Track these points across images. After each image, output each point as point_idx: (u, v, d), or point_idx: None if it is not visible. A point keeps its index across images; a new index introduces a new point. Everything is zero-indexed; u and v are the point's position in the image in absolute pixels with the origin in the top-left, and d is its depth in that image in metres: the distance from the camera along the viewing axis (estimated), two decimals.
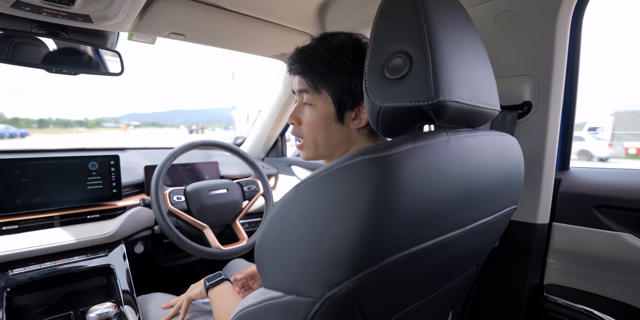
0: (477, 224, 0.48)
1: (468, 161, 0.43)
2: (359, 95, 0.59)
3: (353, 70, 0.58)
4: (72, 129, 76.80)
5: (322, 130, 0.62)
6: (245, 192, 1.30)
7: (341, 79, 0.58)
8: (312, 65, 0.60)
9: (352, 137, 0.62)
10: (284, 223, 0.41)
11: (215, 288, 0.85)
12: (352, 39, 0.61)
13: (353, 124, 0.60)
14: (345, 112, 0.60)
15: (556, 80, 0.71)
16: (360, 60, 0.58)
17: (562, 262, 0.78)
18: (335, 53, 0.58)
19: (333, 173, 0.36)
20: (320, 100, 0.61)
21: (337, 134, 0.62)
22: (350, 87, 0.58)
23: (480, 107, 0.47)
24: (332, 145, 0.63)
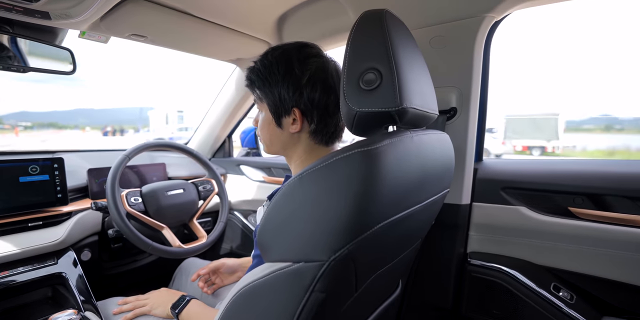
0: (428, 201, 0.63)
1: (424, 153, 0.58)
2: (289, 103, 0.67)
3: (282, 82, 0.67)
4: None
5: (267, 132, 0.73)
6: (200, 191, 1.33)
7: (273, 91, 0.68)
8: (253, 80, 0.71)
9: (294, 139, 0.71)
10: (290, 204, 0.51)
11: (184, 311, 0.85)
12: (287, 53, 0.69)
13: (292, 128, 0.69)
14: (282, 118, 0.69)
15: (474, 90, 0.91)
16: (287, 75, 0.67)
17: (480, 233, 1.00)
18: (269, 68, 0.68)
19: (333, 163, 0.47)
20: (263, 107, 0.72)
21: (279, 136, 0.72)
22: (280, 96, 0.67)
23: (428, 112, 0.62)
24: (277, 144, 0.73)
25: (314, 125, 0.69)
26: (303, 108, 0.67)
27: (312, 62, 0.68)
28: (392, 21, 0.57)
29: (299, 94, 0.66)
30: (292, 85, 0.66)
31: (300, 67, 0.67)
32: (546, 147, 13.59)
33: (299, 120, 0.68)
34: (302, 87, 0.66)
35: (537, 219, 0.91)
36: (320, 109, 0.68)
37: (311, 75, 0.67)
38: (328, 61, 0.70)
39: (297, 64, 0.67)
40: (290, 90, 0.66)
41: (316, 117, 0.68)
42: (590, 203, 0.85)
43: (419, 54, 0.65)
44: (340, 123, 0.73)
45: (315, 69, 0.67)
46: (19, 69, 0.89)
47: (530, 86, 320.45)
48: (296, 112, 0.67)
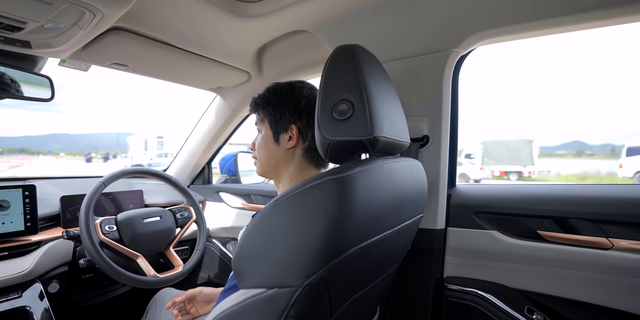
0: (399, 226, 0.65)
1: (395, 179, 0.60)
2: (288, 119, 0.77)
3: (284, 102, 0.78)
4: None
5: (264, 149, 0.81)
6: (177, 219, 1.31)
7: (275, 109, 0.78)
8: (258, 103, 0.82)
9: (288, 156, 0.79)
10: (265, 231, 0.52)
11: None
12: (288, 83, 0.82)
13: (287, 144, 0.77)
14: (280, 135, 0.78)
15: (445, 119, 0.96)
16: (288, 97, 0.78)
17: (456, 257, 1.01)
18: (273, 92, 0.81)
19: (306, 190, 0.49)
20: (264, 126, 0.82)
21: (275, 152, 0.79)
22: (281, 114, 0.78)
23: (399, 140, 0.66)
24: (272, 161, 0.80)
25: (308, 143, 0.77)
26: (300, 126, 0.77)
27: (307, 91, 0.79)
28: (363, 55, 0.61)
29: (298, 114, 0.77)
30: (292, 105, 0.77)
31: (299, 93, 0.79)
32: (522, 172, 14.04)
33: (295, 136, 0.76)
34: (300, 109, 0.77)
35: (509, 243, 0.93)
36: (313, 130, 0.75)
37: (307, 101, 0.78)
38: None
39: (297, 90, 0.79)
40: (290, 110, 0.77)
41: (310, 136, 0.77)
42: (557, 226, 0.89)
43: (390, 85, 0.69)
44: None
45: (310, 97, 0.78)
46: None
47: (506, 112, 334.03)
48: (294, 128, 0.76)
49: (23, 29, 0.75)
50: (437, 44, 0.92)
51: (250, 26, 0.97)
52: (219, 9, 0.88)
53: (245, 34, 1.02)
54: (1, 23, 0.72)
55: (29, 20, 0.72)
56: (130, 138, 27.08)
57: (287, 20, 0.97)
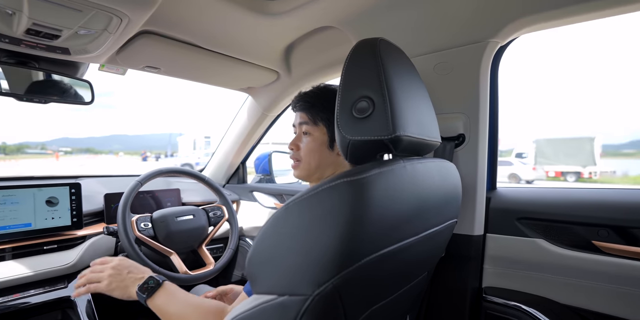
0: (427, 233, 0.60)
1: (419, 183, 0.55)
2: None
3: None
4: None
5: (317, 154, 0.79)
6: (210, 217, 1.33)
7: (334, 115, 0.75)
8: (313, 103, 0.79)
9: (337, 161, 0.78)
10: (276, 235, 0.49)
11: (156, 295, 0.74)
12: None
13: (339, 152, 0.76)
14: (334, 141, 0.76)
15: (482, 116, 0.88)
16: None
17: (496, 266, 0.93)
18: (331, 97, 0.75)
19: (319, 193, 0.46)
20: (317, 130, 0.79)
21: (327, 157, 0.78)
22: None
23: (426, 139, 0.60)
24: (322, 166, 0.79)
25: None
26: None
27: None
28: (386, 49, 0.57)
29: None
30: None
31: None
32: (582, 173, 12.91)
33: None
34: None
35: (558, 253, 0.84)
36: None
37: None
38: None
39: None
40: None
41: None
42: (617, 236, 0.78)
43: (418, 80, 0.64)
44: None
45: None
46: (40, 101, 0.95)
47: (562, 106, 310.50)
48: None
49: (60, 36, 0.79)
50: (472, 35, 0.85)
51: (275, 24, 0.96)
52: (243, 9, 0.87)
53: (271, 33, 1.01)
54: (40, 32, 0.77)
55: (64, 28, 0.75)
56: (179, 138, 28.66)
57: (312, 16, 0.94)
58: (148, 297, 0.74)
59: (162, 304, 0.73)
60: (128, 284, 0.78)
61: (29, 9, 0.68)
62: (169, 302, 0.73)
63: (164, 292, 0.74)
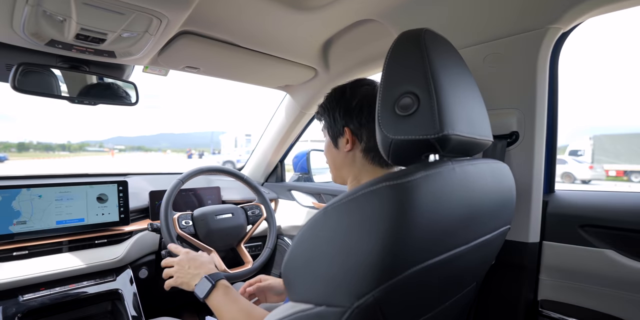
0: (478, 241, 0.54)
1: (470, 186, 0.50)
2: (340, 123, 0.74)
3: (336, 105, 0.75)
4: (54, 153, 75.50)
5: (328, 155, 0.80)
6: (249, 216, 1.34)
7: (329, 114, 0.76)
8: (318, 110, 0.81)
9: (349, 158, 0.75)
10: (313, 241, 0.47)
11: (211, 296, 0.77)
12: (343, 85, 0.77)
13: (345, 147, 0.74)
14: (337, 139, 0.75)
15: (539, 112, 0.80)
16: (340, 99, 0.75)
17: (554, 278, 0.84)
18: (328, 97, 0.78)
19: (359, 197, 0.42)
20: (325, 133, 0.80)
21: (337, 157, 0.77)
22: (334, 118, 0.75)
23: (476, 138, 0.55)
24: (337, 166, 0.78)
25: (364, 144, 0.72)
26: (353, 128, 0.72)
27: (362, 89, 0.74)
28: (432, 40, 0.52)
29: (349, 115, 0.73)
30: (343, 107, 0.74)
31: (351, 93, 0.74)
32: None
33: (350, 138, 0.73)
34: (351, 110, 0.72)
35: (631, 267, 0.74)
36: (369, 129, 0.72)
37: (360, 100, 0.72)
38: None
39: (350, 90, 0.75)
40: (342, 112, 0.74)
41: (365, 136, 0.72)
42: None
43: (467, 74, 0.59)
44: None
45: (364, 95, 0.72)
46: (90, 102, 1.00)
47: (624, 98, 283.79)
48: (347, 130, 0.73)
49: (105, 40, 0.82)
50: (529, 21, 0.76)
51: (313, 19, 0.93)
52: (280, 5, 0.85)
53: (309, 29, 0.98)
54: (88, 36, 0.80)
55: (108, 31, 0.78)
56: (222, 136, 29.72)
57: (351, 9, 0.90)
58: (204, 298, 0.78)
59: (217, 305, 0.76)
60: (189, 279, 0.83)
61: (77, 15, 0.71)
62: (220, 306, 0.76)
63: (217, 294, 0.77)
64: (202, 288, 0.78)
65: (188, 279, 0.83)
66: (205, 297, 0.77)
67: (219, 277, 0.80)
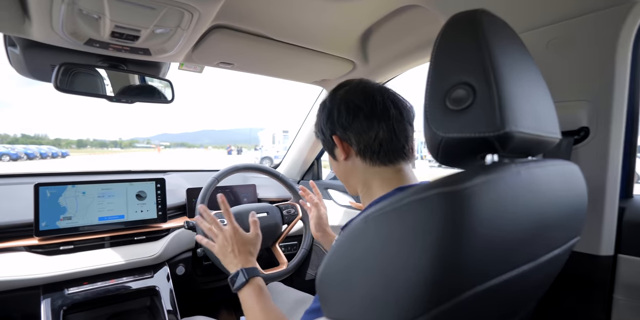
0: (545, 257, 0.46)
1: (539, 192, 0.42)
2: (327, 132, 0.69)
3: (321, 117, 0.71)
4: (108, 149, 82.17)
5: (335, 170, 0.76)
6: (284, 215, 1.31)
7: (319, 131, 0.73)
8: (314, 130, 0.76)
9: (349, 167, 0.70)
10: (351, 255, 0.41)
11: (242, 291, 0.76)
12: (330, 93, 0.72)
13: (342, 156, 0.69)
14: (333, 151, 0.71)
15: (617, 104, 0.68)
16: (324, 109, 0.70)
17: (631, 298, 0.72)
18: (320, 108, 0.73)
19: (404, 206, 0.36)
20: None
21: (339, 169, 0.73)
22: (321, 134, 0.72)
23: (542, 136, 0.46)
24: (344, 178, 0.74)
25: (355, 146, 0.67)
26: (339, 133, 0.68)
27: (339, 93, 0.70)
28: (490, 23, 0.44)
29: (331, 122, 0.68)
30: (325, 115, 0.70)
31: (330, 101, 0.70)
32: None
33: (340, 145, 0.68)
34: (332, 116, 0.68)
35: None
36: (353, 130, 0.66)
37: (338, 104, 0.68)
38: (359, 83, 0.71)
39: (328, 99, 0.71)
40: (326, 122, 0.69)
41: (353, 138, 0.67)
42: None
43: (530, 62, 0.50)
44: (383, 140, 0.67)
45: (340, 99, 0.68)
46: (127, 101, 1.01)
47: None
48: (335, 138, 0.68)
49: (139, 36, 0.81)
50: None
51: (351, 8, 0.86)
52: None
53: (346, 18, 0.92)
54: (123, 34, 0.80)
55: (141, 28, 0.77)
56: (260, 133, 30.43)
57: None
58: (236, 290, 0.77)
59: (244, 301, 0.76)
60: (226, 263, 0.82)
61: (110, 12, 0.70)
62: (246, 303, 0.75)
63: (247, 291, 0.76)
64: (235, 280, 0.77)
65: (225, 262, 0.82)
66: (236, 290, 0.77)
67: (254, 273, 0.78)
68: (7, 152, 27.08)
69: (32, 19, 0.75)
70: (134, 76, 1.03)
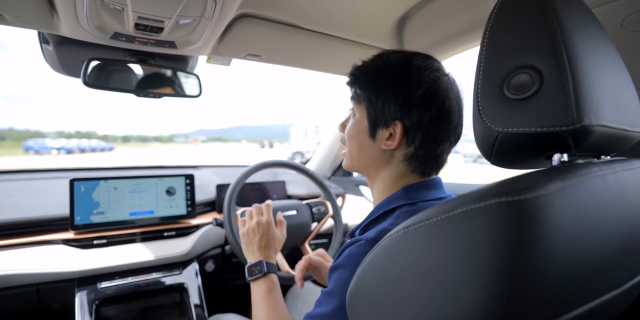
0: (635, 280, 0.37)
1: (630, 202, 0.34)
2: (392, 114, 0.57)
3: (392, 90, 0.57)
4: (149, 143, 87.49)
5: (356, 141, 0.62)
6: (314, 213, 1.26)
7: (378, 97, 0.58)
8: (358, 77, 0.61)
9: (384, 158, 0.61)
10: (389, 274, 0.35)
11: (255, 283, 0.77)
12: (405, 58, 0.58)
13: (385, 144, 0.59)
14: (377, 129, 0.59)
15: None
16: (401, 82, 0.56)
17: None
18: (381, 69, 0.58)
19: (458, 216, 0.29)
20: (359, 111, 0.62)
21: (368, 149, 0.61)
22: (384, 106, 0.57)
23: (628, 130, 0.37)
24: (363, 159, 0.63)
25: (413, 149, 0.58)
26: (407, 124, 0.56)
27: (433, 75, 0.56)
28: None
29: (408, 108, 0.55)
30: (402, 95, 0.56)
31: (418, 77, 0.56)
32: None
33: (398, 137, 0.57)
34: (413, 100, 0.55)
35: None
36: (427, 133, 0.56)
37: (427, 91, 0.55)
38: (452, 82, 0.59)
39: (416, 73, 0.56)
40: (399, 101, 0.56)
41: (418, 140, 0.57)
42: None
43: (608, 41, 0.41)
44: (444, 155, 0.60)
45: (434, 85, 0.56)
46: (155, 96, 0.99)
47: None
48: (398, 126, 0.56)
49: (163, 28, 0.78)
50: None
51: None
52: None
53: (380, 3, 0.84)
54: (147, 26, 0.77)
55: (164, 18, 0.73)
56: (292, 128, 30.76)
57: None
58: (252, 280, 0.78)
59: (254, 293, 0.76)
60: (249, 250, 0.83)
61: (132, 2, 0.68)
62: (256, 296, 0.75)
63: (260, 285, 0.76)
64: (254, 269, 0.78)
65: (248, 249, 0.84)
66: (252, 280, 0.78)
67: (273, 270, 0.79)
68: (63, 147, 30.47)
69: (59, 13, 0.74)
70: (161, 71, 1.01)
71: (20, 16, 0.75)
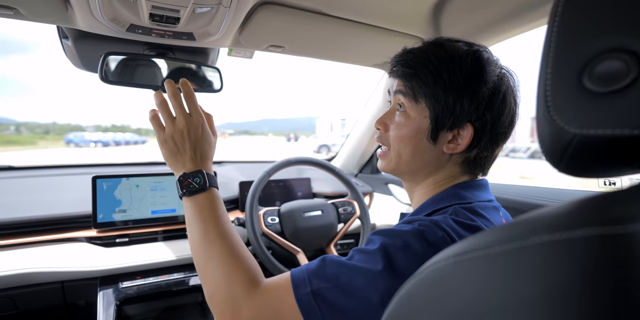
0: None
1: None
2: (463, 117, 0.51)
3: (463, 87, 0.51)
4: None
5: (410, 144, 0.55)
6: (340, 214, 1.20)
7: (447, 94, 0.51)
8: (417, 71, 0.53)
9: (441, 161, 0.56)
10: (432, 305, 0.28)
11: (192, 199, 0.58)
12: (472, 49, 0.53)
13: (447, 148, 0.54)
14: (440, 131, 0.53)
15: None
16: (475, 77, 0.51)
17: None
18: (447, 62, 0.51)
19: (534, 248, 0.22)
20: (415, 110, 0.54)
21: (425, 153, 0.55)
22: (454, 106, 0.51)
23: None
24: (416, 164, 0.56)
25: (476, 152, 0.54)
26: (478, 127, 0.52)
27: (498, 71, 0.52)
28: None
29: (481, 108, 0.51)
30: (475, 94, 0.50)
31: (488, 72, 0.51)
32: None
33: (466, 141, 0.52)
34: (484, 100, 0.51)
35: None
36: (494, 135, 0.53)
37: (494, 88, 0.51)
38: (510, 75, 0.54)
39: (486, 67, 0.51)
40: (474, 100, 0.51)
41: (484, 143, 0.53)
42: None
43: None
44: (495, 154, 0.56)
45: (499, 82, 0.51)
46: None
47: None
48: (469, 128, 0.51)
49: (179, 18, 0.73)
50: None
51: None
52: None
53: None
54: (162, 16, 0.72)
55: (180, 7, 0.68)
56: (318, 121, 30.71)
57: None
58: (187, 194, 0.58)
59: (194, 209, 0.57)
60: (175, 162, 0.61)
61: None
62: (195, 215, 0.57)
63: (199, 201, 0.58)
64: (190, 182, 0.58)
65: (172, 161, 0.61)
66: (188, 195, 0.58)
67: (214, 183, 0.61)
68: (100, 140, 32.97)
69: (73, 6, 0.71)
70: (183, 65, 0.97)
71: (35, 10, 0.72)
